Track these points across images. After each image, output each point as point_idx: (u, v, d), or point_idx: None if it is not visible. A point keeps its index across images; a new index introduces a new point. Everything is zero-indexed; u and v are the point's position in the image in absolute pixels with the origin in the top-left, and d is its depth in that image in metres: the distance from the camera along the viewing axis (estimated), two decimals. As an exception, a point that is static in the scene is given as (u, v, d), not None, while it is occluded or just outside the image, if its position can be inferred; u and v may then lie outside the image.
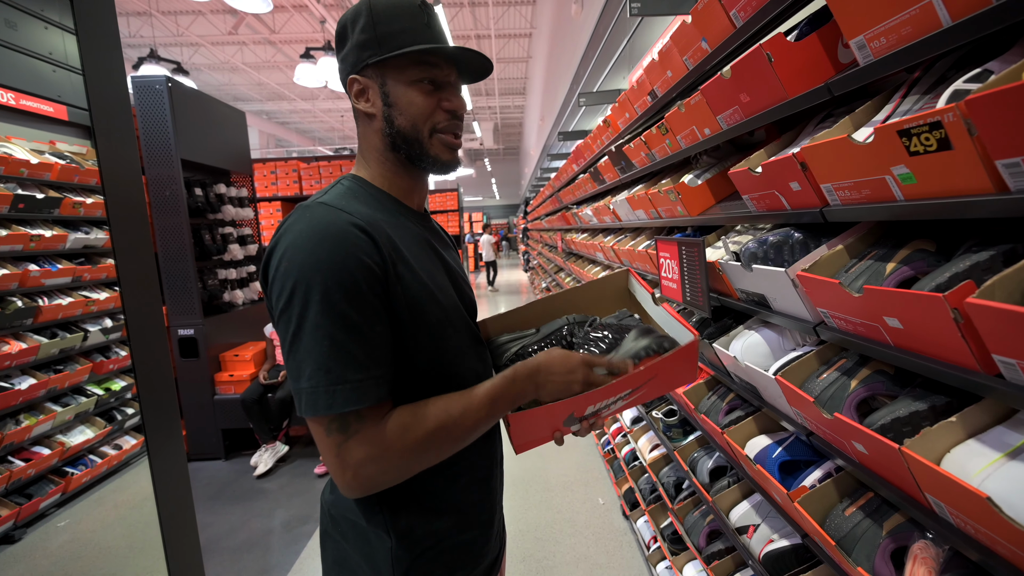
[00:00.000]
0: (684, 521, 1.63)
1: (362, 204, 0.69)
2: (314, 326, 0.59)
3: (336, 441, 0.61)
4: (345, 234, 0.62)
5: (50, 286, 1.75)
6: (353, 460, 0.61)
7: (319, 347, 0.59)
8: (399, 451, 0.62)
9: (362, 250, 0.62)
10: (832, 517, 0.91)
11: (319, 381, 0.59)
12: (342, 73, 0.74)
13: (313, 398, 0.59)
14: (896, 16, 0.69)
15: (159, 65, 6.16)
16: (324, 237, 0.61)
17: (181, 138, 3.09)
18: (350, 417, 0.60)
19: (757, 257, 1.05)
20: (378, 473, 0.62)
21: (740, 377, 1.22)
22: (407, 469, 0.64)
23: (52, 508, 1.64)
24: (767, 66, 0.98)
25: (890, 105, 0.82)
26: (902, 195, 0.72)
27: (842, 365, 0.93)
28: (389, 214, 0.72)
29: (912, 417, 0.73)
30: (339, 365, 0.59)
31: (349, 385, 0.60)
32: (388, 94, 0.71)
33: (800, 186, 0.92)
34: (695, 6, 1.27)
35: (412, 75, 0.70)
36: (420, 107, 0.71)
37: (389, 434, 0.62)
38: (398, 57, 0.69)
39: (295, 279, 0.60)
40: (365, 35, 0.69)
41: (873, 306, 0.73)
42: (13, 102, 1.89)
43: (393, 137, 0.72)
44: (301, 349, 0.60)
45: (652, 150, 1.76)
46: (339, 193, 0.70)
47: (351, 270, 0.61)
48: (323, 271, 0.59)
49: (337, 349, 0.59)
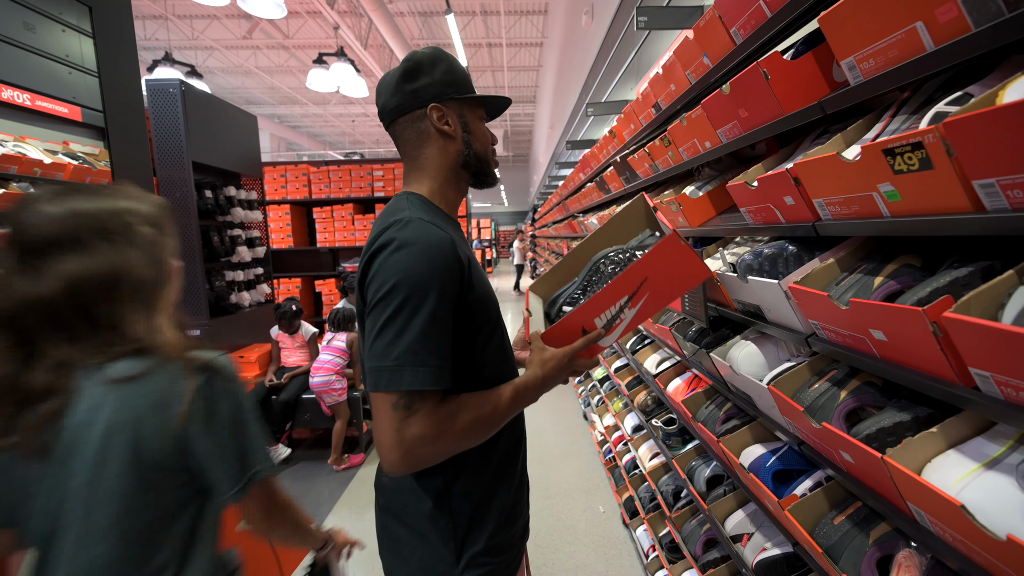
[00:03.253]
0: (681, 530, 1.64)
1: (440, 219, 0.82)
2: (409, 317, 0.70)
3: (399, 417, 0.70)
4: (443, 246, 0.74)
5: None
6: (408, 437, 0.70)
7: (411, 334, 0.70)
8: (447, 433, 0.72)
9: (453, 262, 0.75)
10: (821, 526, 0.93)
11: (405, 361, 0.69)
12: (410, 99, 0.85)
13: (398, 374, 0.69)
14: (883, 40, 0.72)
15: (173, 68, 6.28)
16: (427, 247, 0.73)
17: (193, 141, 3.16)
18: (416, 397, 0.70)
19: (752, 269, 1.07)
20: (427, 453, 0.71)
21: (736, 386, 1.23)
22: (448, 452, 0.74)
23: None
24: (764, 83, 1.01)
25: (880, 124, 0.85)
26: (888, 211, 0.74)
27: (833, 376, 0.95)
28: (452, 227, 0.85)
29: (896, 427, 0.75)
30: (424, 351, 0.70)
31: (429, 368, 0.70)
32: (467, 124, 0.88)
33: (794, 200, 0.95)
34: (697, 22, 1.30)
35: (479, 113, 0.90)
36: (485, 140, 0.91)
37: (442, 419, 0.72)
38: (474, 98, 0.88)
39: (399, 277, 0.71)
40: (448, 76, 0.85)
41: (859, 318, 0.75)
42: (29, 103, 1.94)
43: (468, 157, 0.88)
44: (394, 331, 0.70)
45: (656, 161, 1.79)
46: (424, 209, 0.82)
47: (443, 277, 0.73)
48: (424, 275, 0.71)
49: (426, 338, 0.70)
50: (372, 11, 6.93)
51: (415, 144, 0.87)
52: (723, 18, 1.20)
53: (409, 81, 0.84)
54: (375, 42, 9.75)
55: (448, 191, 0.89)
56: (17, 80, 1.88)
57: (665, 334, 1.68)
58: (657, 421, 1.86)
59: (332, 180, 5.13)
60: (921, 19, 0.65)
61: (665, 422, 1.83)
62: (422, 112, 0.84)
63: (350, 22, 8.22)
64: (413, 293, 0.70)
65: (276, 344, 3.40)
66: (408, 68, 0.85)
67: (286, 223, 5.13)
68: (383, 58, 10.40)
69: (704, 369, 1.45)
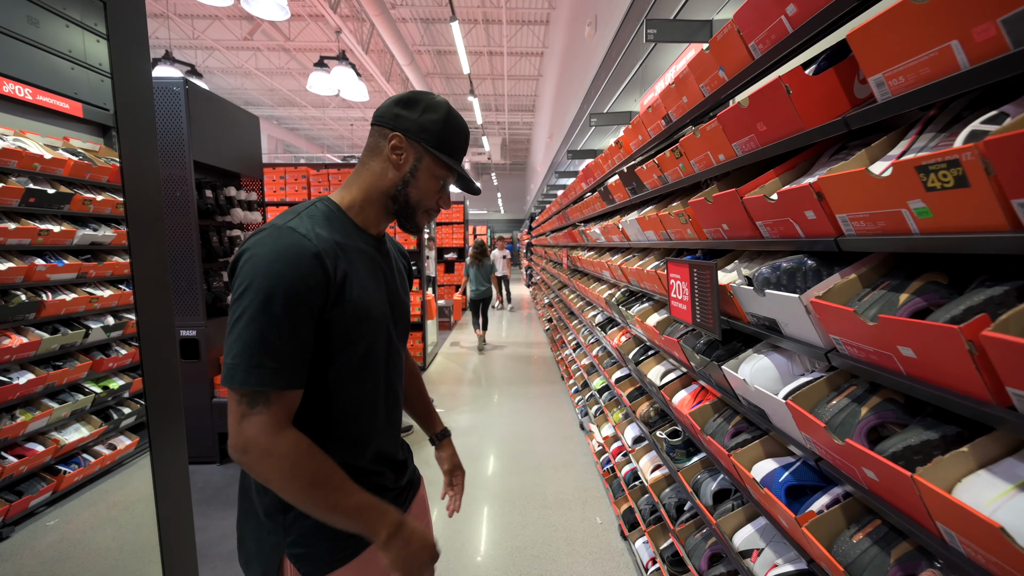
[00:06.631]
0: (685, 543, 1.63)
1: (328, 229, 0.85)
2: (251, 319, 0.74)
3: (241, 412, 0.75)
4: (301, 257, 0.78)
5: (55, 281, 1.75)
6: (246, 433, 0.75)
7: (250, 334, 0.74)
8: (277, 457, 0.75)
9: (310, 273, 0.78)
10: (839, 543, 0.92)
11: (241, 360, 0.74)
12: (389, 119, 0.90)
13: (232, 372, 0.74)
14: (915, 57, 0.72)
15: (173, 67, 6.25)
16: (282, 256, 0.77)
17: (195, 140, 3.13)
18: (259, 398, 0.75)
19: (770, 282, 1.07)
20: (253, 460, 0.75)
21: (748, 400, 1.23)
22: (270, 478, 0.76)
23: (42, 507, 1.61)
24: (785, 97, 1.01)
25: (905, 141, 0.85)
26: (917, 228, 0.74)
27: (852, 392, 0.95)
28: (347, 238, 0.88)
29: (923, 446, 0.74)
30: (260, 352, 0.74)
31: (264, 369, 0.74)
32: (416, 170, 0.91)
33: (815, 215, 0.95)
34: (714, 36, 1.31)
35: (438, 172, 0.93)
36: (428, 194, 0.94)
37: (282, 437, 0.75)
38: (440, 158, 0.91)
39: (251, 280, 0.75)
40: (430, 125, 0.90)
41: (887, 335, 0.75)
42: (30, 97, 1.92)
43: (397, 196, 0.92)
44: (236, 332, 0.75)
45: (665, 172, 1.79)
46: (312, 217, 0.85)
47: (294, 285, 0.76)
48: (272, 281, 0.75)
49: (264, 340, 0.74)
50: (375, 16, 6.96)
51: (368, 153, 0.93)
52: (742, 32, 1.21)
53: (400, 106, 0.91)
54: (376, 47, 9.78)
55: (369, 209, 0.93)
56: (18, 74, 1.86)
57: (672, 345, 1.67)
58: (661, 433, 1.85)
59: (332, 183, 5.10)
60: (956, 38, 0.66)
61: (670, 434, 1.82)
62: (388, 133, 0.90)
63: (352, 26, 8.24)
64: (258, 297, 0.74)
65: (272, 347, 3.36)
66: (408, 97, 0.92)
67: (284, 225, 5.09)
68: (384, 63, 10.43)
69: (713, 382, 1.44)
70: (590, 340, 3.67)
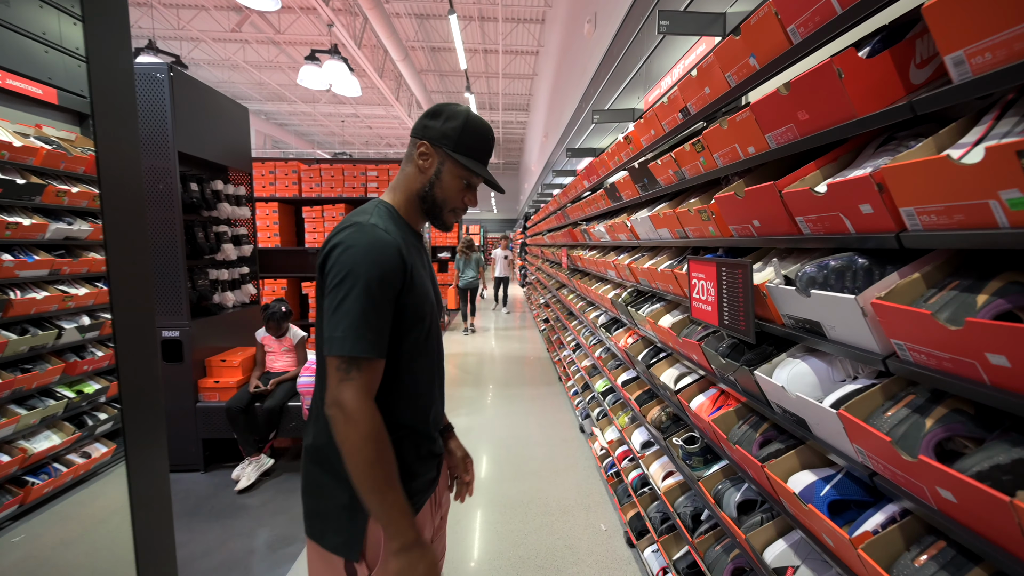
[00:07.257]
0: (705, 556, 1.55)
1: (396, 226, 1.00)
2: (355, 299, 0.88)
3: (339, 377, 0.88)
4: (388, 249, 0.93)
5: (24, 278, 1.61)
6: (340, 396, 0.88)
7: (355, 312, 0.88)
8: (359, 423, 0.87)
9: (396, 261, 0.93)
10: (900, 567, 0.84)
11: (349, 333, 0.88)
12: (418, 129, 1.06)
13: (343, 342, 0.88)
14: (1009, 29, 0.65)
15: (157, 57, 6.04)
16: (374, 248, 0.92)
17: (180, 130, 2.99)
18: (354, 364, 0.88)
19: (816, 282, 0.99)
20: (341, 418, 0.88)
21: (784, 407, 1.15)
22: (346, 438, 0.88)
23: (7, 521, 1.47)
24: (837, 82, 0.93)
25: (980, 128, 0.78)
26: (1007, 221, 0.66)
27: (911, 401, 0.87)
28: (407, 234, 1.03)
29: (1015, 465, 0.66)
30: (363, 325, 0.89)
31: (364, 340, 0.88)
32: (440, 172, 1.04)
33: (873, 209, 0.87)
34: (747, 20, 1.23)
35: (460, 173, 1.05)
36: (453, 196, 1.07)
37: (366, 405, 0.89)
38: (459, 160, 1.03)
39: (351, 267, 0.89)
40: (451, 132, 1.02)
41: (974, 341, 0.67)
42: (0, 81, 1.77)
43: (426, 196, 1.06)
44: (343, 310, 0.88)
45: (682, 168, 1.71)
46: (382, 216, 0.99)
47: (385, 273, 0.91)
48: (371, 269, 0.90)
49: (365, 317, 0.89)
50: (369, 10, 6.81)
51: (405, 160, 1.09)
52: (780, 15, 1.13)
53: (427, 117, 1.05)
54: (369, 42, 9.61)
55: (411, 209, 1.07)
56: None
57: (691, 348, 1.60)
58: (677, 439, 1.77)
59: (324, 179, 4.96)
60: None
61: (686, 440, 1.74)
62: (417, 142, 1.05)
63: (344, 20, 8.07)
64: (359, 283, 0.88)
65: (261, 347, 3.22)
66: (434, 109, 1.06)
67: (273, 221, 4.94)
68: (377, 59, 10.25)
69: (740, 387, 1.36)
70: (592, 341, 3.59)
